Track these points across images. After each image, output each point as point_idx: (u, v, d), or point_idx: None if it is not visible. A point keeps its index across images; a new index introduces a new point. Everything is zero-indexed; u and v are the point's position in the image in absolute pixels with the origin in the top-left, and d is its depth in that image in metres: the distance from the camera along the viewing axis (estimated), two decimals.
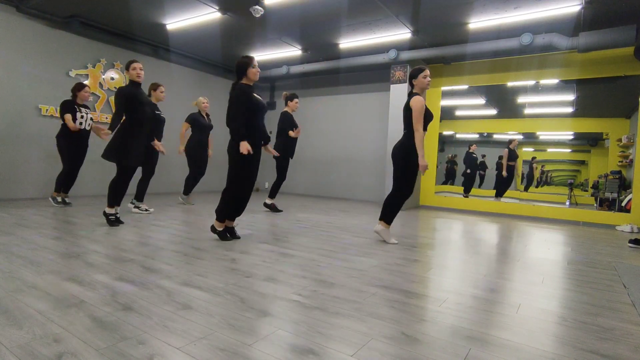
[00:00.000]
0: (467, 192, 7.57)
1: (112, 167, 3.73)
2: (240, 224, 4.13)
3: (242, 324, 1.58)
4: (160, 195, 6.65)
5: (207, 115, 5.48)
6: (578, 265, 2.97)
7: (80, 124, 4.55)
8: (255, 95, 3.11)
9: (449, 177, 8.18)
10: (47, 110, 5.48)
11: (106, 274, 2.15)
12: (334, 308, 1.80)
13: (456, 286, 2.26)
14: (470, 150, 7.69)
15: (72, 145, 4.60)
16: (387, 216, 3.41)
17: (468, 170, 7.74)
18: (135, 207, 4.55)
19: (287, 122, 4.98)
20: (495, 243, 3.79)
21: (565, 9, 4.43)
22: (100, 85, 6.12)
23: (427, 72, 3.27)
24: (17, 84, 5.18)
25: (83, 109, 4.63)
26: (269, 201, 5.17)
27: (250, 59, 3.09)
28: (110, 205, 3.64)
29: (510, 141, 7.20)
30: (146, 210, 4.52)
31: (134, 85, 3.61)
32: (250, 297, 1.90)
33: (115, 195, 3.63)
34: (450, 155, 8.16)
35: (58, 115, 4.70)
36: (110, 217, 3.62)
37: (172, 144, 7.05)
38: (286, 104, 5.09)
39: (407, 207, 6.56)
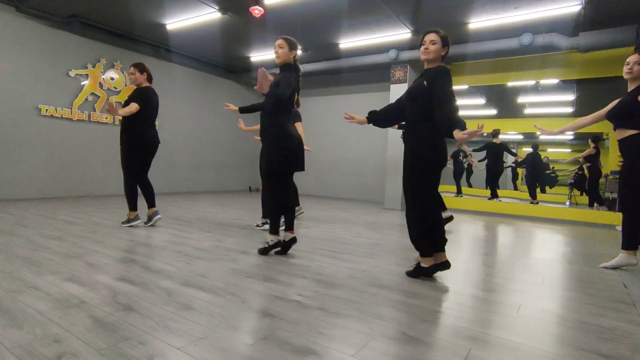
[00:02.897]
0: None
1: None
2: (239, 223, 4.13)
3: (242, 324, 1.58)
4: (159, 196, 6.65)
5: None
6: (578, 265, 2.97)
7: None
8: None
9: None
10: (47, 110, 5.48)
11: (107, 275, 2.15)
12: (334, 308, 1.80)
13: (456, 286, 2.26)
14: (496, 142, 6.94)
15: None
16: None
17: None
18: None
19: None
20: (495, 243, 3.79)
21: (565, 9, 4.44)
22: (100, 85, 6.12)
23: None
24: (17, 84, 5.18)
25: None
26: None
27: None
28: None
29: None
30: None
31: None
32: (250, 297, 1.90)
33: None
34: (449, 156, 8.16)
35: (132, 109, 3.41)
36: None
37: (171, 144, 7.06)
38: None
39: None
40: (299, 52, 6.60)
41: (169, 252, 2.73)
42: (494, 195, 6.78)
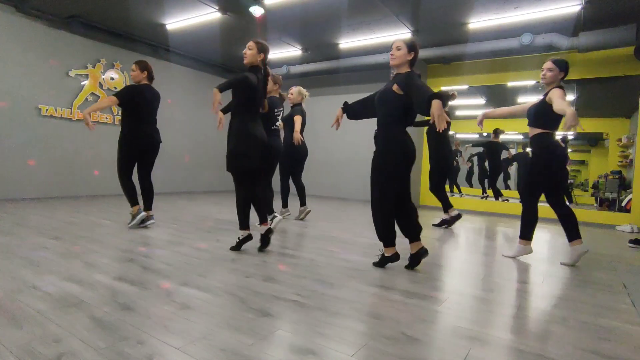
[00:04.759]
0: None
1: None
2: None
3: (242, 324, 1.58)
4: (159, 195, 6.65)
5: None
6: (578, 265, 2.97)
7: None
8: None
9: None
10: (47, 110, 5.48)
11: (106, 274, 2.15)
12: (334, 308, 1.79)
13: (456, 286, 2.26)
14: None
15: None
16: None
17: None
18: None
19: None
20: (495, 243, 3.79)
21: (565, 9, 4.44)
22: (100, 85, 6.12)
23: None
24: (17, 84, 5.18)
25: None
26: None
27: None
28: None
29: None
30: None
31: None
32: (250, 297, 1.90)
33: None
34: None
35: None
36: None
37: (171, 144, 7.06)
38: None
39: None
40: (299, 52, 6.63)
41: (168, 252, 2.73)
42: (497, 195, 6.78)
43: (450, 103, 3.43)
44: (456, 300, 2.00)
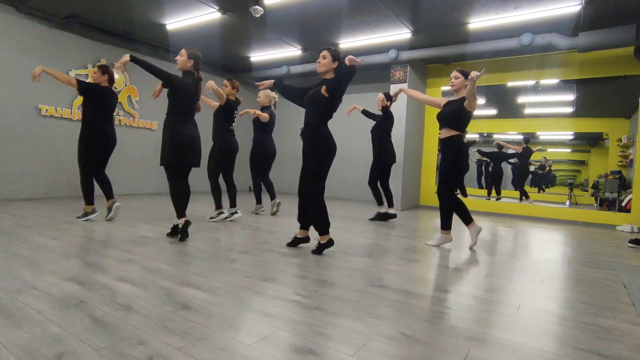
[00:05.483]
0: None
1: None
2: (239, 224, 4.13)
3: (241, 324, 1.58)
4: (158, 195, 6.65)
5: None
6: (578, 265, 2.97)
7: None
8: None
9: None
10: (47, 110, 5.48)
11: (106, 274, 2.15)
12: (333, 308, 1.80)
13: (456, 286, 2.26)
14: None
15: None
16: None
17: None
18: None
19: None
20: (495, 243, 3.79)
21: (565, 8, 4.43)
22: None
23: None
24: (17, 84, 5.18)
25: None
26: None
27: None
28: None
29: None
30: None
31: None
32: (250, 297, 1.90)
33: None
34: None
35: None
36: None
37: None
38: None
39: (406, 207, 6.56)
40: (299, 52, 6.62)
41: (168, 252, 2.73)
42: (496, 193, 6.99)
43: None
44: (456, 300, 2.00)
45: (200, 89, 3.33)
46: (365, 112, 5.09)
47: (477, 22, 4.98)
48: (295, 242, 3.10)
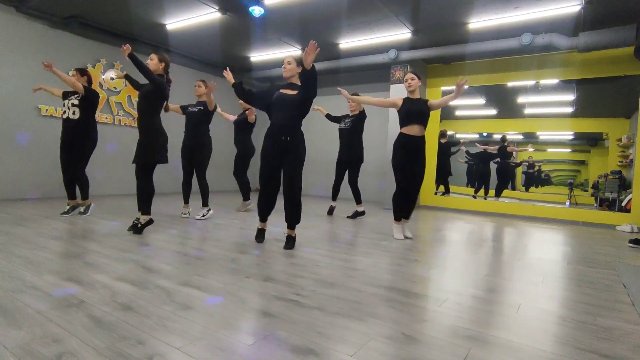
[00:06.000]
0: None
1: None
2: (238, 224, 4.13)
3: (241, 324, 1.58)
4: (159, 196, 6.64)
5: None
6: (578, 265, 2.97)
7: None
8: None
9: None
10: (47, 110, 5.48)
11: (105, 274, 2.15)
12: (333, 308, 1.79)
13: (456, 286, 2.26)
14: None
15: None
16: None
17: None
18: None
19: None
20: (495, 243, 3.79)
21: (565, 9, 4.43)
22: (100, 85, 6.11)
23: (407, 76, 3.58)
24: (17, 84, 5.18)
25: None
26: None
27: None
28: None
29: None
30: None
31: None
32: (249, 297, 1.90)
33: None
34: None
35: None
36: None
37: (171, 145, 7.04)
38: None
39: None
40: (299, 52, 6.63)
41: (168, 252, 2.73)
42: (484, 192, 7.34)
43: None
44: (456, 300, 2.00)
45: (168, 91, 3.60)
46: (329, 116, 5.58)
47: (477, 22, 4.98)
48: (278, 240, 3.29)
